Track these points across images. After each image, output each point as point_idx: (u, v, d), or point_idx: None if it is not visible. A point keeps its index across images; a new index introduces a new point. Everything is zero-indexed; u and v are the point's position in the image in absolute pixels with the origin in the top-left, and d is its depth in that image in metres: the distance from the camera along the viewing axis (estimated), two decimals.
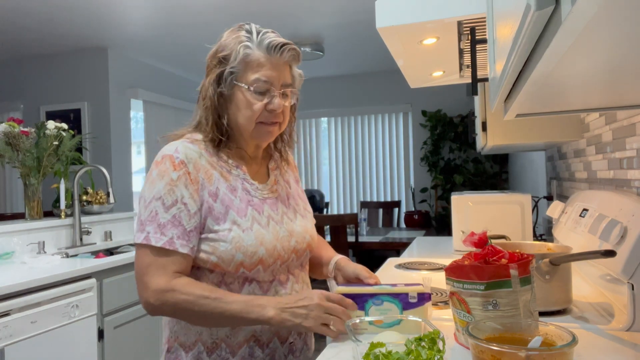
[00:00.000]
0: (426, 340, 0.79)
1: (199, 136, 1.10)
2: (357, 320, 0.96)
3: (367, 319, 1.00)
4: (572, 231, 1.46)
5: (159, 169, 1.03)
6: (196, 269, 1.05)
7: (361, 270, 1.17)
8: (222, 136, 1.08)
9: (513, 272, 0.87)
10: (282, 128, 1.12)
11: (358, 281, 1.14)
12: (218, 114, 1.07)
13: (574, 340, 0.67)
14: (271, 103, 1.04)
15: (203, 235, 1.03)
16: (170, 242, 0.99)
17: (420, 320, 0.95)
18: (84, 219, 2.91)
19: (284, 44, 1.05)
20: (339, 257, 1.24)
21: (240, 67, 1.04)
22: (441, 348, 0.79)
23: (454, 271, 0.93)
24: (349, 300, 1.00)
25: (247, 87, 1.04)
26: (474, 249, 0.97)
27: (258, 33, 1.05)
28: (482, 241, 0.97)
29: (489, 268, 0.88)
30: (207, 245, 1.02)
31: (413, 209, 5.51)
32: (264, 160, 1.19)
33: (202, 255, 1.02)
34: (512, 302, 0.87)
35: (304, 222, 1.17)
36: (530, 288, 0.89)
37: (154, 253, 0.99)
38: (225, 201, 1.04)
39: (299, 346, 1.12)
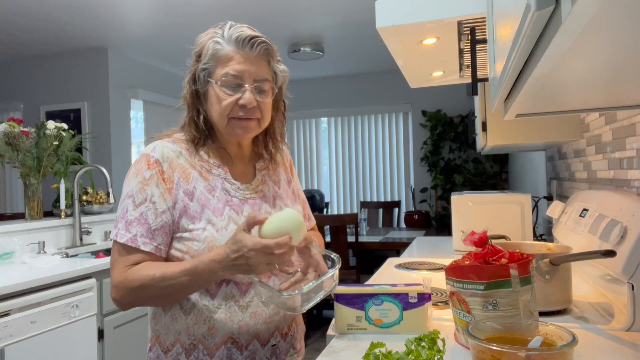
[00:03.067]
0: (426, 340, 0.79)
1: (182, 136, 1.11)
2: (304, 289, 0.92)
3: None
4: (572, 231, 1.46)
5: (135, 168, 1.05)
6: None
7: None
8: (200, 135, 1.08)
9: (513, 272, 0.87)
10: (262, 125, 1.09)
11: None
12: (195, 111, 1.08)
13: (574, 340, 0.67)
14: (242, 98, 1.02)
15: (178, 235, 1.03)
16: (133, 240, 0.99)
17: None
18: (84, 219, 2.91)
19: (253, 37, 1.03)
20: None
21: (211, 63, 1.04)
22: (441, 348, 0.79)
23: (454, 271, 0.93)
24: (284, 239, 0.90)
25: (216, 82, 1.03)
26: (474, 249, 0.97)
27: (230, 28, 1.04)
28: (482, 240, 0.97)
29: (489, 268, 0.88)
30: (181, 244, 1.02)
31: (413, 209, 5.51)
32: (252, 161, 1.17)
33: (177, 254, 1.02)
34: (512, 302, 0.87)
35: None
36: (530, 288, 0.89)
37: (120, 249, 1.01)
38: (201, 200, 1.04)
39: (284, 349, 1.09)
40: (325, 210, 5.75)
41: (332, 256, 1.00)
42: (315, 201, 5.42)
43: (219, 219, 1.03)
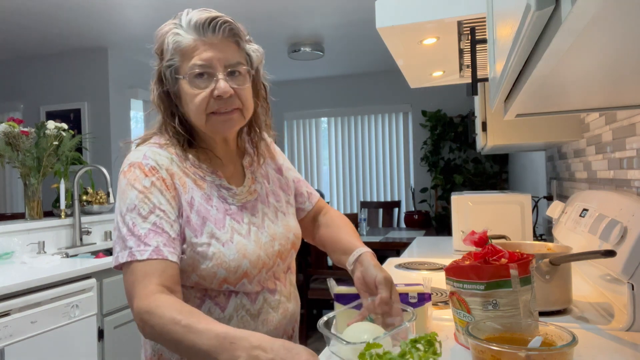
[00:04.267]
0: (422, 342, 0.78)
1: (165, 140, 1.00)
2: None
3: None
4: (572, 231, 1.46)
5: (127, 179, 0.92)
6: None
7: (382, 283, 0.96)
8: (181, 138, 0.98)
9: (513, 272, 0.87)
10: (246, 115, 0.99)
11: (374, 292, 0.96)
12: (169, 114, 0.98)
13: (574, 340, 0.67)
14: (216, 88, 0.92)
15: (182, 247, 0.93)
16: (157, 251, 0.86)
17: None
18: (84, 219, 2.91)
19: (213, 19, 0.92)
20: (364, 251, 1.08)
21: (176, 58, 0.94)
22: (438, 350, 0.78)
23: (454, 271, 0.93)
24: None
25: (184, 77, 0.93)
26: (474, 249, 0.97)
27: (187, 14, 0.95)
28: (482, 240, 0.97)
29: (489, 268, 0.88)
30: (184, 262, 0.92)
31: (413, 209, 5.51)
32: (238, 158, 1.08)
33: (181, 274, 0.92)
34: (512, 302, 0.87)
35: (286, 221, 1.08)
36: (530, 288, 0.89)
37: (139, 268, 0.85)
38: (201, 212, 0.95)
39: None
40: None
41: (408, 310, 0.95)
42: None
43: (222, 232, 0.95)
